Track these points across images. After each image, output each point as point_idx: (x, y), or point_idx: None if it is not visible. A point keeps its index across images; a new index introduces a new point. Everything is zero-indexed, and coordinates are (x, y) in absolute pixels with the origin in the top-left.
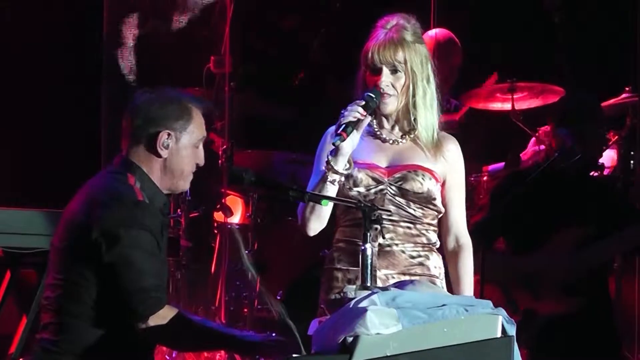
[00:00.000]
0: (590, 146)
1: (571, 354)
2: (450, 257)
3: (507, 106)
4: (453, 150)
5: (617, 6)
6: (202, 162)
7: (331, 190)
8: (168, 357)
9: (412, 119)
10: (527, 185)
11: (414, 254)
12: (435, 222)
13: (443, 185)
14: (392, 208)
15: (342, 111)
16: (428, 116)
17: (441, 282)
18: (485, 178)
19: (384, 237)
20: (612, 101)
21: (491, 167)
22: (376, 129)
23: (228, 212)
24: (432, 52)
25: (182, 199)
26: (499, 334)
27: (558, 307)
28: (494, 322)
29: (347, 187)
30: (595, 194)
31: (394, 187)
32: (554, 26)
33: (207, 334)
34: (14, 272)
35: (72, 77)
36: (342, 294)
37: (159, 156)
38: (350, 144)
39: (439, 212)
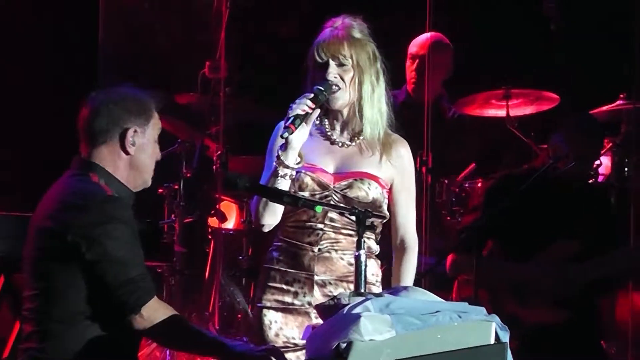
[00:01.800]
0: (585, 155)
1: None
2: (395, 256)
3: (502, 113)
4: (402, 153)
5: (612, 14)
6: (159, 157)
7: (283, 184)
8: None
9: (360, 117)
10: (521, 192)
11: (353, 260)
12: (379, 229)
13: (390, 189)
14: (335, 215)
15: (291, 104)
16: (375, 113)
17: (377, 289)
18: (479, 184)
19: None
20: (606, 108)
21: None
22: (327, 130)
23: (222, 217)
24: (426, 55)
25: (176, 204)
26: (492, 341)
27: (543, 316)
28: (488, 329)
29: (292, 190)
30: (590, 205)
31: (339, 195)
32: (550, 33)
33: (200, 335)
34: (8, 277)
35: (65, 82)
36: (335, 300)
37: (127, 154)
38: (300, 137)
39: (385, 218)
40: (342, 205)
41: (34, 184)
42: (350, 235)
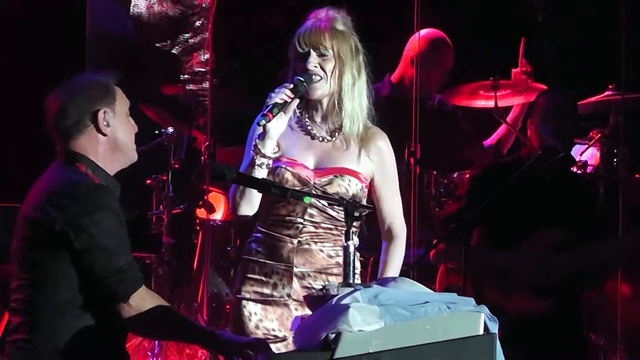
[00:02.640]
0: (568, 143)
1: (536, 353)
2: (384, 244)
3: (491, 104)
4: (380, 146)
5: (600, 4)
6: (136, 128)
7: (261, 174)
8: (150, 354)
9: (339, 110)
10: (509, 183)
11: (332, 253)
12: (358, 223)
13: (372, 182)
14: (314, 212)
15: (270, 93)
16: (355, 106)
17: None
18: (467, 176)
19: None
20: (595, 99)
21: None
22: (307, 123)
23: (210, 208)
24: (424, 54)
25: (164, 195)
26: (481, 331)
27: (526, 306)
28: (477, 320)
29: None
30: (576, 196)
31: (319, 191)
32: (537, 24)
33: (187, 324)
34: None
35: (52, 72)
36: (324, 291)
37: (104, 135)
38: (278, 127)
39: (371, 210)
40: (329, 196)
41: (22, 176)
42: (329, 228)
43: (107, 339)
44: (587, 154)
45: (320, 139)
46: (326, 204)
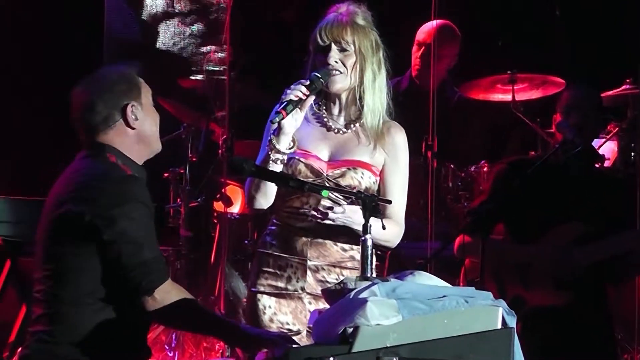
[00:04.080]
0: (589, 137)
1: (556, 346)
2: None
3: (508, 97)
4: (395, 139)
5: None
6: (158, 118)
7: (275, 169)
8: (167, 347)
9: (360, 105)
10: (529, 176)
11: (346, 246)
12: None
13: (380, 172)
14: (328, 203)
15: (285, 89)
16: (376, 101)
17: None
18: (485, 169)
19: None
20: (612, 93)
21: None
22: (323, 115)
23: (228, 201)
24: (432, 42)
25: (181, 188)
26: (499, 326)
27: (546, 299)
28: (495, 314)
29: None
30: (598, 189)
31: (331, 183)
32: (555, 17)
33: (212, 317)
34: (14, 261)
35: (74, 66)
36: (342, 285)
37: (133, 128)
38: (293, 123)
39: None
40: (346, 189)
41: (39, 169)
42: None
43: (128, 332)
44: (604, 147)
45: (336, 130)
46: (340, 196)
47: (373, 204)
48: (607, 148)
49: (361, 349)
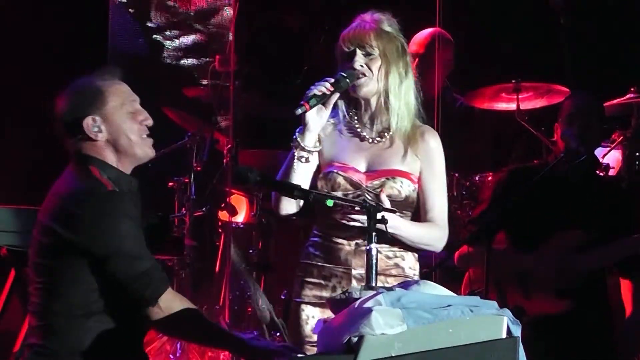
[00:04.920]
0: (592, 146)
1: (557, 355)
2: None
3: (512, 106)
4: (428, 143)
5: (622, 6)
6: (148, 120)
7: (301, 168)
8: (172, 357)
9: (386, 109)
10: (530, 186)
11: (390, 254)
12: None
13: (418, 179)
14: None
15: (311, 86)
16: (401, 105)
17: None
18: (490, 178)
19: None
20: (617, 101)
21: None
22: (356, 125)
23: (232, 211)
24: (424, 49)
25: (186, 197)
26: (504, 335)
27: (546, 307)
28: (499, 323)
29: (326, 190)
30: (601, 198)
31: (371, 194)
32: (559, 26)
33: (215, 328)
34: (19, 271)
35: (74, 74)
36: (346, 294)
37: (97, 140)
38: (318, 120)
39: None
40: (352, 199)
41: (43, 178)
42: (384, 231)
43: (122, 342)
44: (609, 156)
45: (370, 140)
46: (382, 205)
47: (378, 213)
48: (612, 156)
49: (366, 358)
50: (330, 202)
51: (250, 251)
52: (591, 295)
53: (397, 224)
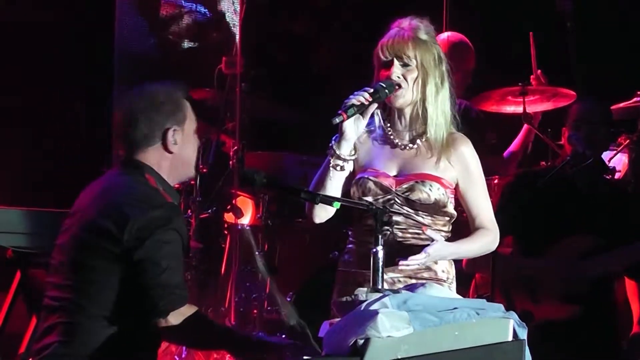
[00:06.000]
0: (599, 150)
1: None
2: None
3: (519, 109)
4: (462, 150)
5: (628, 10)
6: (199, 144)
7: (336, 176)
8: (177, 358)
9: (424, 119)
10: (539, 189)
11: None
12: (446, 227)
13: (457, 187)
14: (400, 218)
15: (350, 96)
16: (439, 114)
17: (449, 286)
18: (496, 181)
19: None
20: (622, 105)
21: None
22: (389, 132)
23: (238, 213)
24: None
25: (192, 199)
26: (510, 338)
27: (554, 312)
28: (506, 326)
29: (357, 196)
30: (608, 202)
31: (401, 198)
32: (566, 29)
33: (225, 334)
34: (24, 272)
35: (81, 77)
36: (353, 297)
37: (170, 152)
38: (354, 129)
39: (452, 217)
40: (358, 202)
41: (48, 181)
42: (417, 233)
43: (141, 349)
44: (615, 159)
45: (402, 147)
46: (412, 211)
47: (384, 216)
48: (618, 160)
49: None
50: (337, 205)
51: (257, 253)
52: (599, 301)
53: (453, 250)
